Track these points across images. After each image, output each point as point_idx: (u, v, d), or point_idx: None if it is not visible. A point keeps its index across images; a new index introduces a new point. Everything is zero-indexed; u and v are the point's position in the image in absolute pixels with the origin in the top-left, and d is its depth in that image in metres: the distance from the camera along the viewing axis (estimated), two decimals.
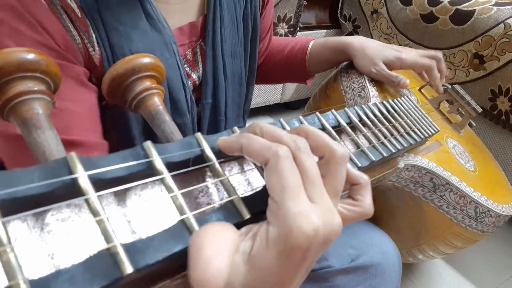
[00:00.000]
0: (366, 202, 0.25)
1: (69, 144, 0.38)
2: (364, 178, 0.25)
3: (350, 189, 0.25)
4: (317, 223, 0.18)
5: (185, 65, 0.52)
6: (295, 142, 0.21)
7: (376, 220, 0.69)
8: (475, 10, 1.10)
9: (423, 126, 0.50)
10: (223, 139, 0.22)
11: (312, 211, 0.18)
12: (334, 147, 0.22)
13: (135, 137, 0.48)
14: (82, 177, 0.15)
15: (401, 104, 0.48)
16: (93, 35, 0.41)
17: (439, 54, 0.69)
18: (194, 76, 0.54)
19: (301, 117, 0.29)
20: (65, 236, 0.15)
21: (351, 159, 0.29)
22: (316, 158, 0.22)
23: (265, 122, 0.25)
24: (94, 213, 0.15)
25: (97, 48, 0.42)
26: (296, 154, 0.20)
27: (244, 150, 0.21)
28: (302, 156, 0.20)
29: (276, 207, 0.18)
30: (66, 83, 0.39)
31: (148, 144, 0.18)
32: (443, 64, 0.69)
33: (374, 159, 0.32)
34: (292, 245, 0.17)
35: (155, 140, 0.38)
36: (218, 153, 0.21)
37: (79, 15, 0.40)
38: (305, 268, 0.19)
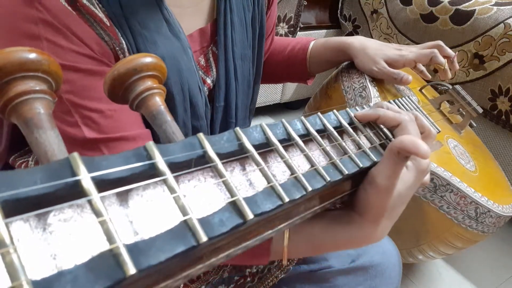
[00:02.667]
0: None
1: (128, 139, 0.42)
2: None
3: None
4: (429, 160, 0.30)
5: (200, 71, 0.53)
6: (409, 116, 0.33)
7: None
8: (475, 10, 1.10)
9: None
10: (361, 112, 0.33)
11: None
12: (431, 128, 0.36)
13: (158, 139, 0.48)
14: (85, 178, 0.15)
15: (402, 105, 0.48)
16: (123, 42, 0.42)
17: (439, 41, 0.68)
18: (208, 81, 0.54)
19: (302, 117, 0.29)
20: (68, 237, 0.15)
21: (352, 160, 0.29)
22: None
23: (265, 122, 0.25)
24: (97, 213, 0.15)
25: (127, 55, 0.42)
26: (412, 123, 0.32)
27: (381, 117, 0.33)
28: (414, 125, 0.32)
29: None
30: None
31: (151, 144, 0.18)
32: (447, 49, 0.68)
33: (375, 159, 0.32)
34: (422, 168, 0.30)
35: None
36: (220, 154, 0.21)
37: (108, 24, 0.40)
38: (419, 184, 0.32)
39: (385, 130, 0.41)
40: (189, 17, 0.50)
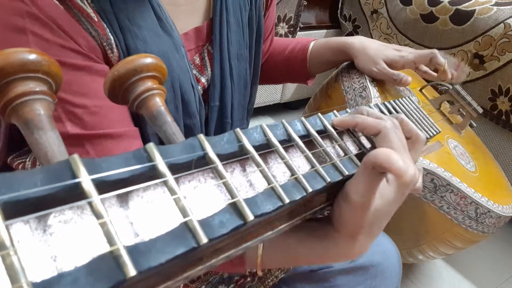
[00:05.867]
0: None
1: (113, 137, 0.41)
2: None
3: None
4: (414, 171, 0.26)
5: (194, 70, 0.52)
6: (393, 121, 0.29)
7: None
8: (475, 10, 1.10)
9: (424, 127, 0.50)
10: (339, 118, 0.30)
11: (411, 163, 0.27)
12: (419, 132, 0.33)
13: (148, 137, 0.48)
14: (85, 180, 0.15)
15: (403, 105, 0.48)
16: (111, 38, 0.41)
17: (434, 50, 0.68)
18: (203, 80, 0.54)
19: (302, 118, 0.29)
20: (68, 238, 0.15)
21: (352, 160, 0.29)
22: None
23: (265, 122, 0.25)
24: (97, 215, 0.15)
25: (115, 51, 0.42)
26: (395, 130, 0.29)
27: (359, 125, 0.29)
28: (398, 131, 0.29)
29: None
30: (96, 82, 0.40)
31: (151, 146, 0.18)
32: (440, 58, 0.68)
33: None
34: (403, 182, 0.25)
35: None
36: (220, 156, 0.21)
37: (95, 19, 0.40)
38: (403, 199, 0.29)
39: None
40: (184, 15, 0.50)
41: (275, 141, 0.24)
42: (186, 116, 0.50)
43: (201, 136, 0.21)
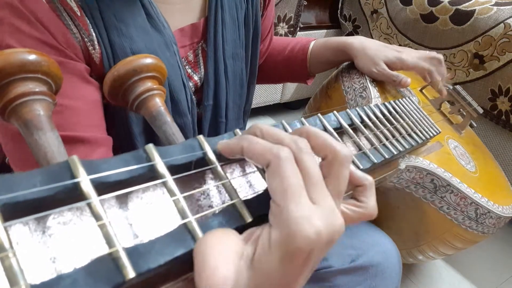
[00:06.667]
0: (370, 204, 0.25)
1: (75, 141, 0.39)
2: (368, 179, 0.25)
3: (354, 190, 0.25)
4: (320, 226, 0.18)
5: (187, 67, 0.52)
6: (296, 143, 0.21)
7: (376, 220, 0.69)
8: (475, 10, 1.09)
9: (425, 128, 0.50)
10: (224, 142, 0.21)
11: (315, 214, 0.18)
12: (337, 147, 0.22)
13: (135, 137, 0.47)
14: (84, 181, 0.15)
15: (403, 105, 0.48)
16: (93, 34, 0.41)
17: (440, 56, 0.69)
18: (195, 77, 0.53)
19: (302, 118, 0.29)
20: (67, 240, 0.15)
21: (352, 161, 0.29)
22: (318, 159, 0.22)
23: (265, 123, 0.24)
24: (96, 217, 0.15)
25: (97, 47, 0.42)
26: (298, 156, 0.20)
27: (245, 152, 0.20)
28: (304, 157, 0.20)
29: (278, 210, 0.18)
30: (69, 81, 0.39)
31: (150, 147, 0.18)
32: (444, 66, 0.69)
33: (376, 161, 0.32)
34: (295, 249, 0.17)
35: (156, 139, 0.37)
36: (220, 156, 0.21)
37: (79, 14, 0.40)
38: (308, 270, 0.19)
39: (391, 128, 0.41)
40: (179, 13, 0.50)
41: None
42: (176, 115, 0.50)
43: (201, 137, 0.21)
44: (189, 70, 0.53)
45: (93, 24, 0.41)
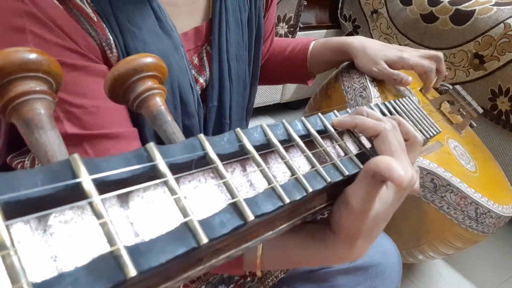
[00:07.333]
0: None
1: (111, 137, 0.41)
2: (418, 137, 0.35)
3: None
4: (412, 173, 0.28)
5: (192, 70, 0.52)
6: (392, 123, 0.30)
7: None
8: (475, 10, 1.10)
9: (425, 127, 0.50)
10: (338, 119, 0.30)
11: (409, 166, 0.28)
12: (417, 135, 0.32)
13: (146, 139, 0.48)
14: (86, 180, 0.15)
15: (403, 105, 0.48)
16: (111, 38, 0.42)
17: (440, 54, 0.69)
18: (201, 80, 0.54)
19: (302, 118, 0.29)
20: (68, 239, 0.15)
21: (353, 161, 0.29)
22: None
23: (265, 122, 0.25)
24: (98, 215, 0.15)
25: (114, 51, 0.42)
26: (394, 132, 0.29)
27: (359, 125, 0.29)
28: (397, 132, 0.29)
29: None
30: (95, 83, 0.40)
31: (151, 145, 0.18)
32: (443, 65, 0.69)
33: None
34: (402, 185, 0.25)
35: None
36: (221, 155, 0.21)
37: (95, 19, 0.40)
38: (402, 199, 0.30)
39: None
40: (184, 16, 0.50)
41: (275, 141, 0.24)
42: (185, 116, 0.50)
43: (202, 136, 0.21)
44: (195, 73, 0.53)
45: (110, 29, 0.41)
